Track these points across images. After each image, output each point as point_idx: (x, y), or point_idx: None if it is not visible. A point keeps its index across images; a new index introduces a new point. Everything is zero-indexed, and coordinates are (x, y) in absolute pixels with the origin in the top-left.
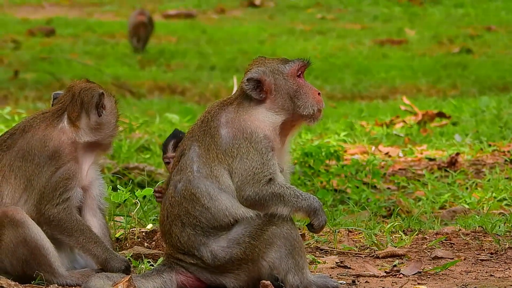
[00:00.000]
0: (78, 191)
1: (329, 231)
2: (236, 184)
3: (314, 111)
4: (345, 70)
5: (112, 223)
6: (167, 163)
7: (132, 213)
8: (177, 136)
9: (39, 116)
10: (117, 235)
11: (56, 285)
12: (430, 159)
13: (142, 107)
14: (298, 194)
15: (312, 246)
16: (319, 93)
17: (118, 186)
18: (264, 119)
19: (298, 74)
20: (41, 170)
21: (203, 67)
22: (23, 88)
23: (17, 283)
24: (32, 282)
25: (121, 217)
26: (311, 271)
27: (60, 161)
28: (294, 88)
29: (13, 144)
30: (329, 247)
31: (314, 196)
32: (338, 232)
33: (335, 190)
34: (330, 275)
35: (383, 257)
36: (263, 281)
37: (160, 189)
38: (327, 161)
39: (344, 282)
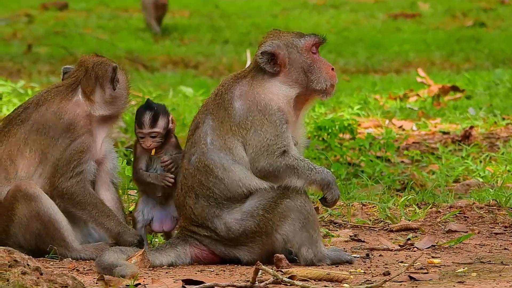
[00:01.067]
0: (92, 164)
1: (343, 205)
2: (250, 156)
3: (327, 86)
4: (359, 44)
5: (125, 197)
6: (141, 138)
7: None
8: (152, 109)
9: (52, 89)
10: (130, 209)
11: (70, 259)
12: (444, 133)
13: (155, 81)
14: (312, 167)
15: (326, 219)
16: (332, 68)
17: (132, 160)
18: (278, 92)
19: (313, 49)
20: (55, 143)
21: (216, 41)
22: (36, 62)
23: (31, 257)
24: (45, 256)
25: (135, 190)
26: (325, 245)
27: (75, 134)
28: (308, 62)
29: (27, 118)
30: (343, 221)
31: (328, 170)
32: (351, 205)
33: (349, 164)
34: (344, 248)
35: (397, 231)
36: (277, 254)
37: (168, 159)
38: (341, 135)
39: (358, 256)
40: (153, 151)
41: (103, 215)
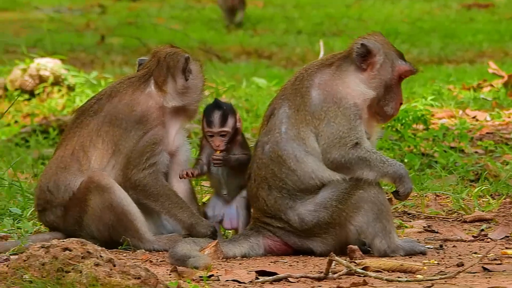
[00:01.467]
0: (165, 156)
1: (416, 196)
2: (322, 147)
3: (391, 113)
4: (432, 34)
5: (199, 188)
6: (210, 136)
7: None
8: (221, 108)
9: (125, 81)
10: (203, 200)
11: (143, 250)
12: None
13: (228, 71)
14: (384, 160)
15: (399, 210)
16: (401, 103)
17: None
18: (356, 88)
19: (403, 75)
20: (128, 135)
21: (289, 31)
22: (109, 53)
23: (104, 248)
24: (119, 248)
25: (208, 182)
26: (398, 236)
27: (148, 126)
28: (392, 83)
29: (100, 109)
30: (416, 212)
31: (400, 163)
32: (425, 196)
33: (423, 154)
34: (418, 239)
35: (471, 222)
36: (351, 245)
37: (219, 156)
38: (414, 125)
39: (432, 247)
40: (219, 153)
41: (176, 206)
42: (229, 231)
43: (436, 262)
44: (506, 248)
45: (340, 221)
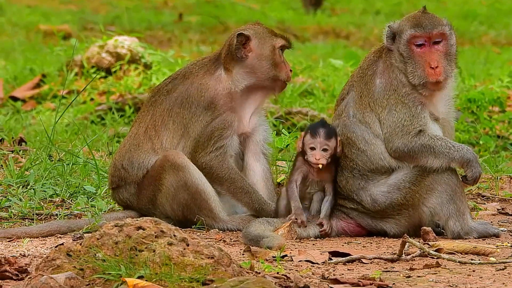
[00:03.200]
0: (234, 139)
1: (491, 178)
2: (384, 136)
3: (422, 82)
4: (510, 15)
5: (274, 168)
6: (311, 149)
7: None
8: (328, 125)
9: (199, 62)
10: (278, 180)
11: (216, 229)
12: None
13: (306, 51)
14: (451, 145)
15: (473, 192)
16: (432, 67)
17: (283, 131)
18: (399, 70)
19: (415, 41)
20: (197, 119)
21: (367, 12)
22: (187, 31)
23: (178, 227)
24: (192, 227)
25: (284, 162)
26: (472, 218)
27: (216, 112)
28: (406, 55)
29: (174, 89)
30: (490, 194)
31: (468, 147)
32: (500, 179)
33: (498, 137)
34: (491, 222)
35: None
36: (424, 227)
37: (325, 229)
38: (490, 107)
39: (505, 229)
40: (320, 167)
41: (241, 191)
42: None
43: (509, 244)
44: None
45: (414, 203)
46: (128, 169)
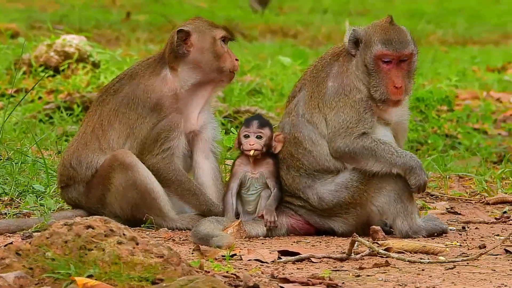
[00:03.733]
0: (181, 140)
1: (439, 177)
2: (328, 135)
3: (383, 98)
4: (458, 14)
5: (222, 167)
6: (245, 137)
7: None
8: (261, 117)
9: (144, 62)
10: (227, 179)
11: (165, 228)
12: None
13: (254, 50)
14: (394, 151)
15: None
16: (395, 86)
17: (232, 129)
18: (357, 78)
19: (383, 60)
20: (143, 120)
21: (315, 10)
22: (135, 30)
23: (127, 226)
24: (141, 226)
25: (232, 160)
26: (419, 216)
27: (162, 114)
28: (371, 68)
29: (120, 89)
30: (439, 193)
31: (413, 155)
32: (448, 178)
33: (446, 135)
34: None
35: (493, 204)
36: (373, 226)
37: (272, 222)
38: (439, 106)
39: (454, 228)
40: (252, 153)
41: (189, 193)
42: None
43: (458, 244)
44: None
45: (362, 202)
46: (76, 168)
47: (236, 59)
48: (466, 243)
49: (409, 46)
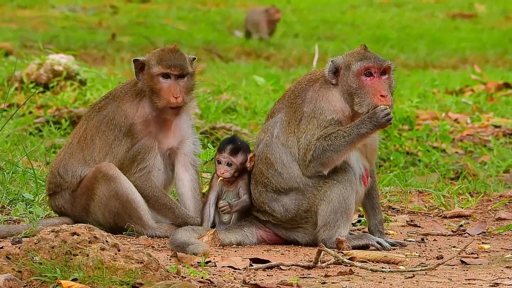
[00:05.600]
0: (158, 159)
1: (400, 191)
2: (299, 156)
3: (368, 110)
4: (419, 40)
5: (200, 180)
6: (218, 163)
7: None
8: (236, 142)
9: (127, 85)
10: (203, 191)
11: (145, 236)
12: (496, 126)
13: (230, 70)
14: (343, 133)
15: (384, 205)
16: (383, 95)
17: (209, 145)
18: (337, 104)
19: (365, 73)
20: (119, 143)
21: (287, 35)
22: (119, 50)
23: (110, 234)
24: (123, 233)
25: (208, 173)
26: (387, 234)
27: (135, 139)
28: (355, 86)
29: (103, 108)
30: (400, 207)
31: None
32: (409, 192)
33: (407, 153)
34: (401, 232)
35: (451, 217)
36: (338, 237)
37: (224, 205)
38: (401, 126)
39: (414, 240)
40: (221, 179)
41: (165, 207)
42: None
43: (417, 254)
44: (483, 243)
45: (315, 209)
46: (63, 176)
47: (175, 96)
48: (424, 253)
49: (387, 61)
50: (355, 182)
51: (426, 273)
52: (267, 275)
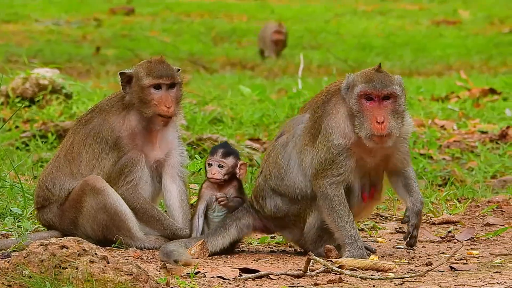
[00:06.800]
0: (145, 172)
1: (389, 199)
2: (311, 171)
3: (367, 135)
4: (404, 48)
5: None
6: (209, 166)
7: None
8: (227, 146)
9: (113, 98)
10: (191, 202)
11: (134, 248)
12: (482, 132)
13: (215, 81)
14: (346, 219)
15: (373, 213)
16: (379, 122)
17: (196, 156)
18: (344, 125)
19: (366, 97)
20: (106, 156)
21: None
22: (104, 63)
23: (99, 246)
24: (112, 246)
25: (196, 184)
26: (369, 236)
27: (121, 152)
28: (355, 109)
29: (90, 121)
30: (388, 214)
31: (355, 230)
32: (397, 199)
33: None
34: (390, 240)
35: (439, 224)
36: (327, 245)
37: (223, 196)
38: None
39: (403, 247)
40: (215, 180)
41: (153, 219)
42: None
43: (406, 261)
44: (472, 248)
45: (305, 218)
46: (51, 189)
47: (167, 106)
48: (413, 260)
49: (392, 86)
50: (353, 200)
51: (415, 279)
52: (257, 285)
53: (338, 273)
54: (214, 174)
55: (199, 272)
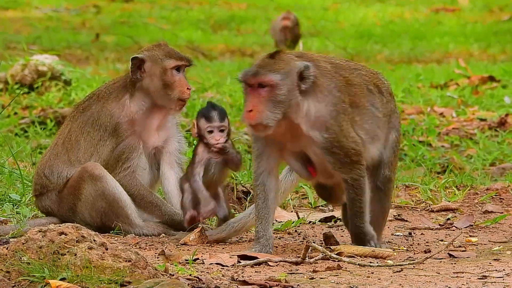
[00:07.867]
0: (142, 158)
1: None
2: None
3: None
4: (403, 35)
5: None
6: (209, 132)
7: None
8: (218, 107)
9: (112, 85)
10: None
11: (133, 234)
12: (481, 120)
13: (214, 68)
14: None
15: None
16: (247, 110)
17: (194, 142)
18: None
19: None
20: (104, 143)
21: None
22: (103, 50)
23: (97, 233)
24: (110, 232)
25: None
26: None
27: (120, 138)
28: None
29: (88, 108)
30: None
31: None
32: (396, 187)
33: None
34: (388, 227)
35: (438, 211)
36: (326, 232)
37: (221, 143)
38: None
39: (401, 234)
40: (220, 147)
41: (151, 205)
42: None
43: (405, 248)
44: (470, 236)
45: None
46: (49, 177)
47: (188, 88)
48: (412, 248)
49: (268, 75)
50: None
51: (414, 267)
52: (255, 272)
53: (337, 260)
54: (218, 139)
55: (197, 258)
